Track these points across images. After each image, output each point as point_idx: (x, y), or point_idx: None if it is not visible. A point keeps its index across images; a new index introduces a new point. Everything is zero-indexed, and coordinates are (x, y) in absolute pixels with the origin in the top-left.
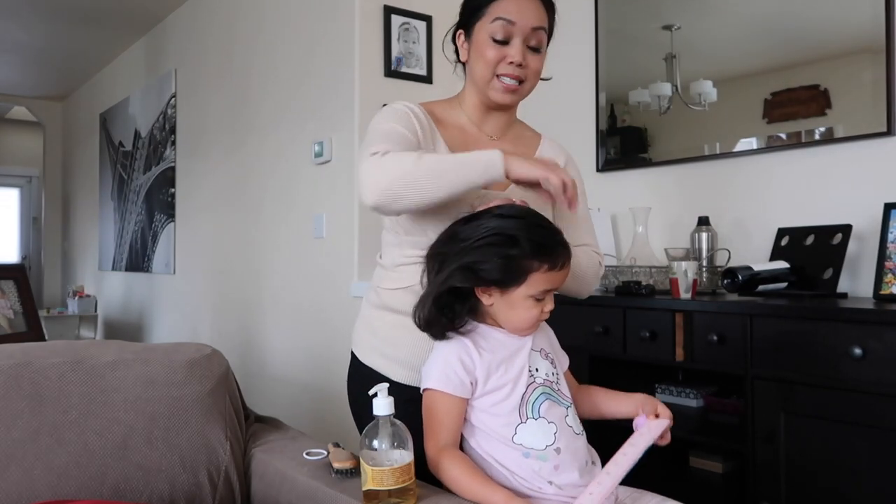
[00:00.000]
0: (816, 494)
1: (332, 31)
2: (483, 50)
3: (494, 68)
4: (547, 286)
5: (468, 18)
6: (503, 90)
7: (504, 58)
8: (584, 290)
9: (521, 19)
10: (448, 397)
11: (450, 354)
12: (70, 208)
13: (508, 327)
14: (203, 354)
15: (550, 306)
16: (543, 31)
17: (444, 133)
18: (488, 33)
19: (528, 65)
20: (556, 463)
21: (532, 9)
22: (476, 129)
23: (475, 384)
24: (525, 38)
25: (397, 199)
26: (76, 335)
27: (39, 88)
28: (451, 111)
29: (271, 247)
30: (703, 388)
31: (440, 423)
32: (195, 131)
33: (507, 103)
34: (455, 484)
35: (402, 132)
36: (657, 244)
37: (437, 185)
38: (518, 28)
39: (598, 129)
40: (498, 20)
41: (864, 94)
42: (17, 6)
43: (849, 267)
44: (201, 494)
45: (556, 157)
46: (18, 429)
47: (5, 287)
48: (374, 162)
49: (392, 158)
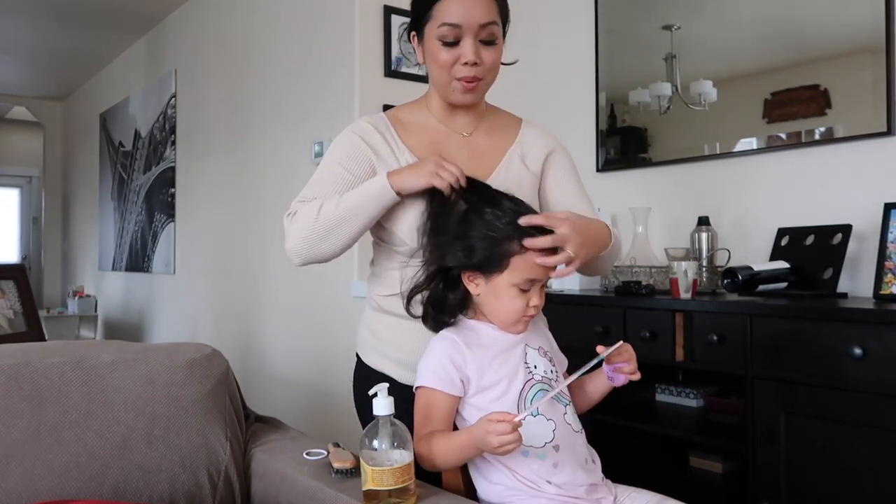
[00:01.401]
0: (816, 494)
1: (331, 31)
2: (435, 54)
3: (450, 71)
4: (530, 274)
5: (417, 22)
6: (462, 91)
7: (457, 59)
8: (603, 266)
9: (466, 20)
10: (438, 394)
11: (440, 353)
12: (70, 208)
13: (496, 321)
14: (203, 354)
15: (537, 300)
16: (495, 24)
17: (409, 140)
18: (437, 37)
19: (484, 60)
20: (555, 461)
21: (477, 5)
22: (445, 127)
23: (466, 382)
24: (475, 36)
25: (313, 254)
26: (76, 335)
27: (39, 88)
28: (419, 113)
29: (271, 246)
30: (703, 388)
31: (428, 419)
32: (195, 131)
33: (468, 102)
34: (434, 457)
35: (337, 172)
36: (657, 244)
37: (341, 232)
38: (466, 28)
39: (598, 129)
40: (444, 25)
41: (864, 94)
42: (17, 6)
43: (849, 267)
44: (201, 494)
45: (539, 142)
46: (18, 429)
47: (5, 287)
48: (287, 224)
49: (299, 218)
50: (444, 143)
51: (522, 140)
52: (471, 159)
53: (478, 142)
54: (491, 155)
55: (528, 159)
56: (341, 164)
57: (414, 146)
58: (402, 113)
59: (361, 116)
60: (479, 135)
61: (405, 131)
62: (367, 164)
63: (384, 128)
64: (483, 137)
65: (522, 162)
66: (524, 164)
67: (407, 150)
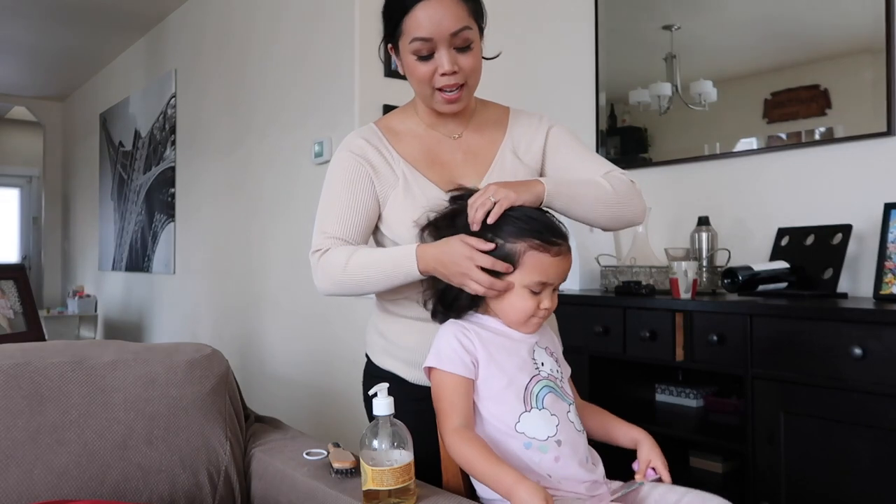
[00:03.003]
0: (816, 494)
1: (331, 31)
2: (413, 69)
3: (430, 83)
4: (542, 276)
5: (390, 35)
6: (445, 102)
7: (435, 71)
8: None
9: (436, 32)
10: (452, 377)
11: (450, 336)
12: (70, 208)
13: (504, 318)
14: (203, 354)
15: (548, 303)
16: (467, 29)
17: (402, 149)
18: (412, 52)
19: (462, 66)
20: (557, 455)
21: (446, 15)
22: (435, 132)
23: (476, 365)
24: (449, 45)
25: (341, 294)
26: (76, 335)
27: (39, 88)
28: (409, 120)
29: (271, 246)
30: (703, 388)
31: (451, 404)
32: (195, 131)
33: (457, 110)
34: (468, 464)
35: (343, 198)
36: (657, 244)
37: (365, 289)
38: (438, 40)
39: (598, 129)
40: (415, 40)
41: (864, 94)
42: (18, 6)
43: (849, 267)
44: (201, 494)
45: (528, 130)
46: (18, 429)
47: (5, 287)
48: (314, 262)
49: (327, 264)
50: (437, 149)
51: (512, 133)
52: (465, 160)
53: (470, 141)
54: (484, 153)
55: (521, 151)
56: (346, 188)
57: (408, 155)
58: (393, 121)
59: (353, 130)
60: (469, 134)
61: (398, 140)
62: (367, 183)
63: (377, 140)
64: (474, 136)
65: (515, 155)
66: (517, 156)
67: (402, 159)
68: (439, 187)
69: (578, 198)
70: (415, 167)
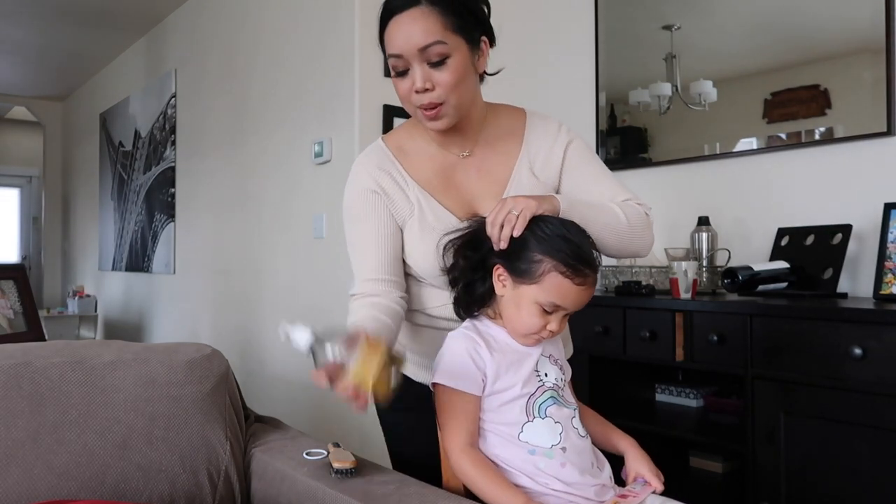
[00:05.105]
0: (816, 494)
1: (332, 32)
2: (394, 86)
3: (410, 101)
4: (559, 299)
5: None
6: (428, 119)
7: (411, 88)
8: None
9: (405, 48)
10: (460, 395)
11: (462, 352)
12: (70, 208)
13: (509, 328)
14: (203, 354)
15: (555, 326)
16: (439, 44)
17: (415, 173)
18: (391, 68)
19: (437, 83)
20: (563, 461)
21: (413, 30)
22: (445, 151)
23: (486, 380)
24: (420, 60)
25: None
26: (76, 335)
27: (39, 88)
28: (418, 138)
29: (271, 247)
30: (703, 388)
31: (459, 422)
32: (195, 131)
33: (441, 128)
34: (476, 486)
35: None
36: (657, 244)
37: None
38: (408, 56)
39: (598, 129)
40: (391, 57)
41: (864, 94)
42: (18, 6)
43: (849, 267)
44: (201, 494)
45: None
46: (18, 429)
47: (5, 287)
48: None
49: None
50: (450, 170)
51: (528, 146)
52: (480, 179)
53: (483, 157)
54: (498, 171)
55: (538, 168)
56: (366, 222)
57: (420, 178)
58: (402, 139)
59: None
60: (481, 149)
61: (409, 162)
62: (383, 210)
63: (388, 163)
64: (487, 151)
65: (532, 172)
66: (533, 174)
67: (415, 184)
68: (455, 214)
69: (588, 222)
70: (429, 192)
